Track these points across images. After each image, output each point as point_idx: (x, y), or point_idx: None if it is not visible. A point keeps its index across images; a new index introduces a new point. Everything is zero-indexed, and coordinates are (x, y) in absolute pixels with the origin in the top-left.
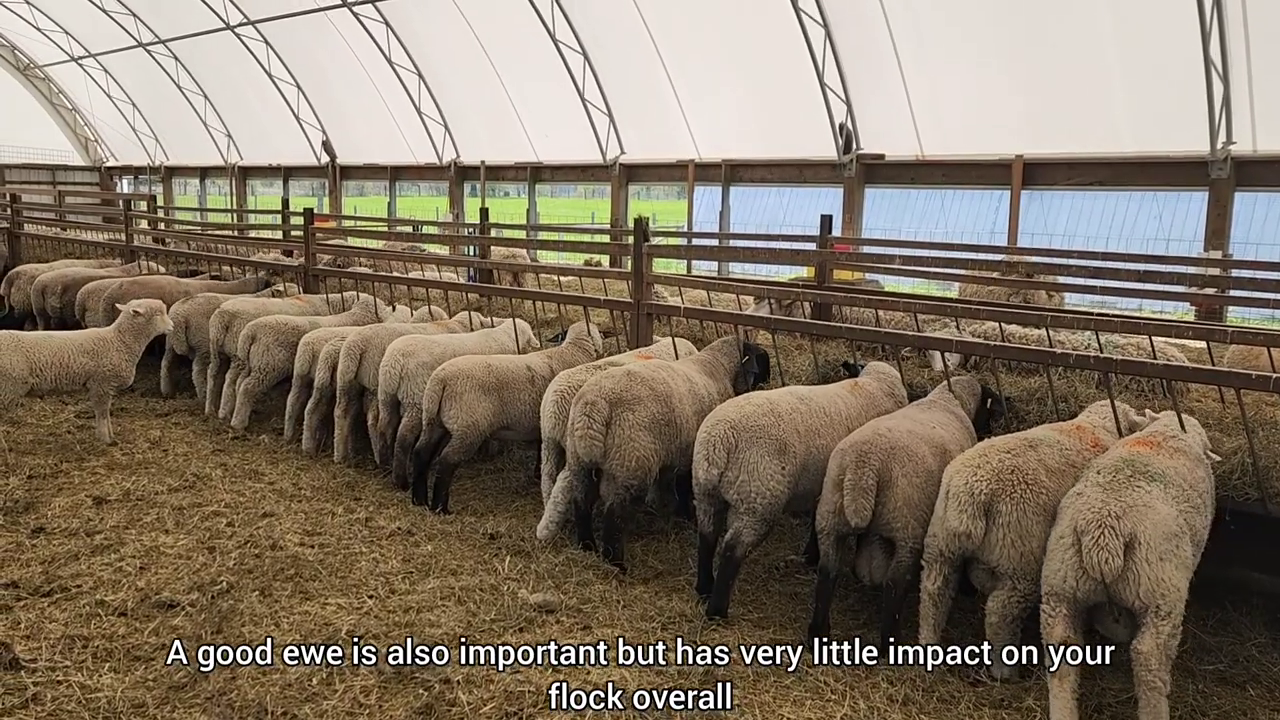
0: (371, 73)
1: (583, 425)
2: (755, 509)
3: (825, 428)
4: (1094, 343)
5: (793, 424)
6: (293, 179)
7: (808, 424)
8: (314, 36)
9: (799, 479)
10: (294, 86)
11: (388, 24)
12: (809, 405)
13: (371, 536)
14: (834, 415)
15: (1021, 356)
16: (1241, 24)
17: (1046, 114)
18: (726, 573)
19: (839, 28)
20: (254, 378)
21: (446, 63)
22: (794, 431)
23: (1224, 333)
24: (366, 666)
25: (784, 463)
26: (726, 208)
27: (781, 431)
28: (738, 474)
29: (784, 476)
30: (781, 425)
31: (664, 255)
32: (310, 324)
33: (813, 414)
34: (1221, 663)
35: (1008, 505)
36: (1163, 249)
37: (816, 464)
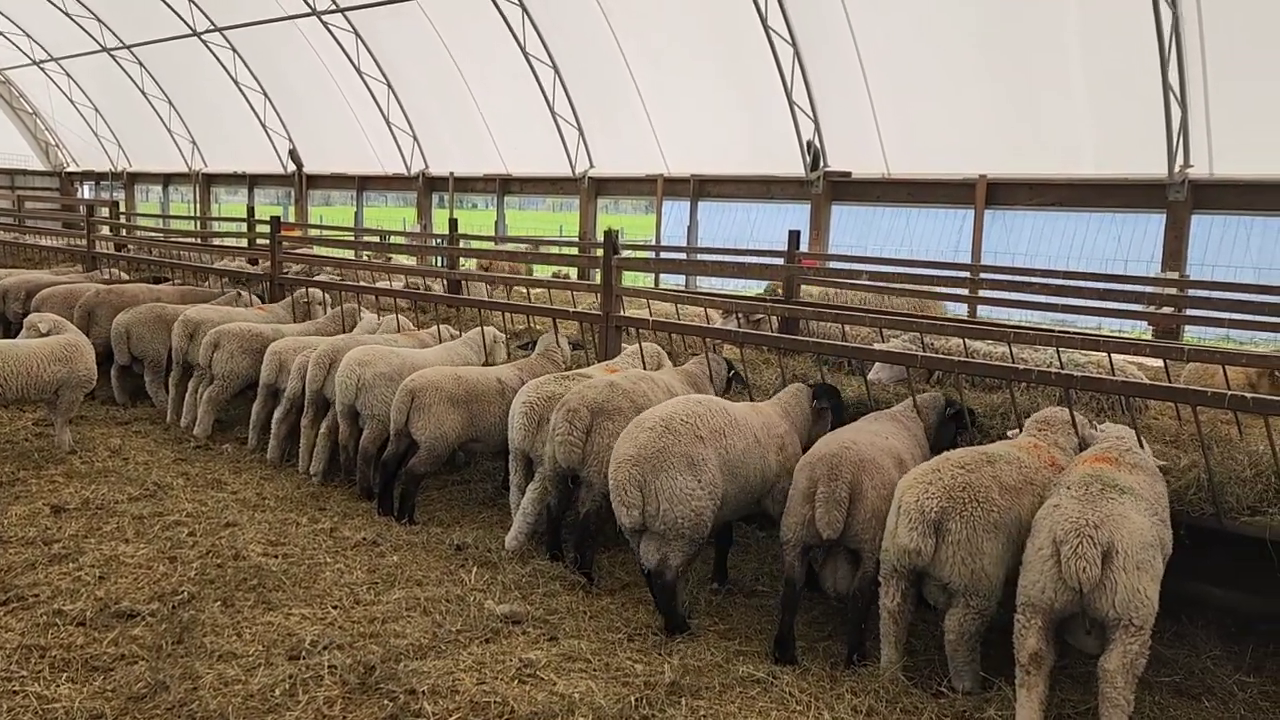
0: (340, 82)
1: (564, 431)
2: (684, 533)
3: (730, 426)
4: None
5: (693, 433)
6: (258, 187)
7: (711, 426)
8: (282, 44)
9: (722, 486)
10: (261, 94)
11: (357, 34)
12: (707, 407)
13: (336, 547)
14: (735, 413)
15: (985, 372)
16: (1199, 51)
17: (1010, 135)
18: (665, 598)
19: (807, 47)
20: (217, 386)
21: (416, 73)
22: (696, 440)
23: (1180, 351)
24: (331, 677)
25: (698, 475)
26: (695, 222)
27: (683, 446)
28: (658, 506)
29: (703, 490)
30: (681, 440)
31: (633, 268)
32: (274, 332)
33: (713, 414)
34: (1177, 675)
35: (958, 523)
36: (1121, 269)
37: (733, 465)
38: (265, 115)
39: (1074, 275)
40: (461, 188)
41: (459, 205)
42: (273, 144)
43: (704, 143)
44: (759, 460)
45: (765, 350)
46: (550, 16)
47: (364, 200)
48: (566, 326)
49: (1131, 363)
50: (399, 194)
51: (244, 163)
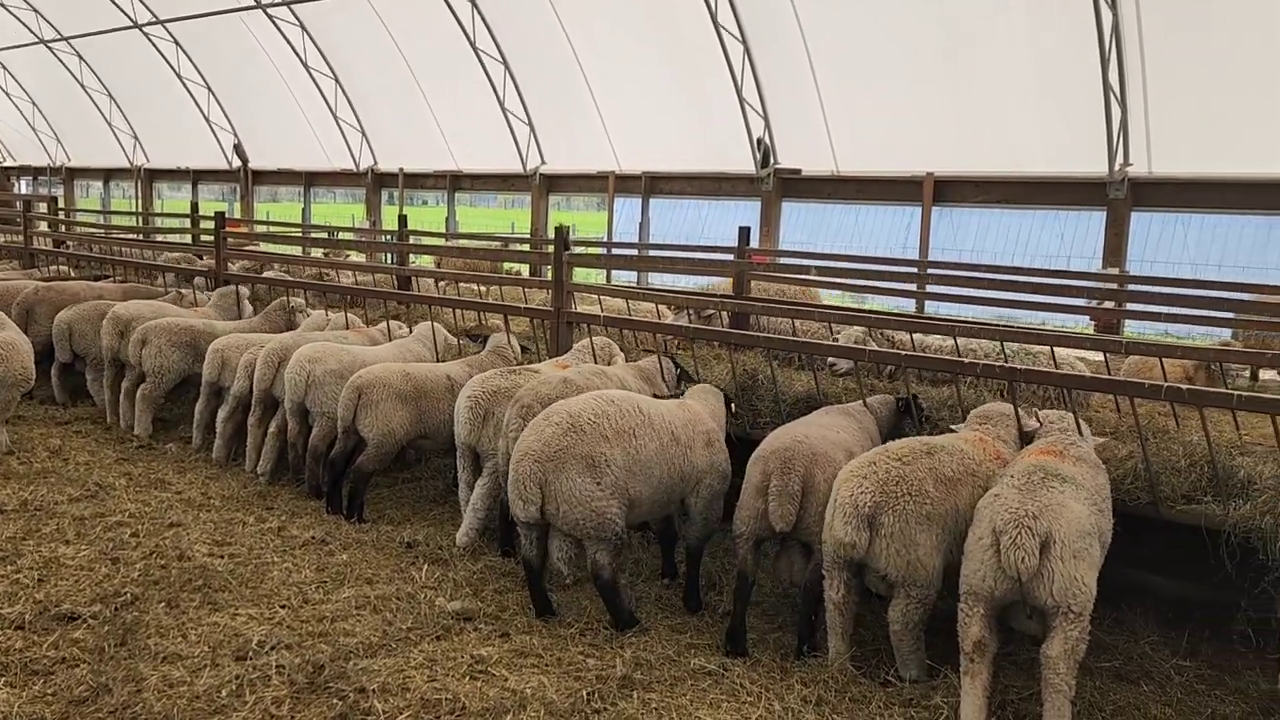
0: (286, 76)
1: (517, 427)
2: (590, 534)
3: (642, 425)
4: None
5: (599, 432)
6: (202, 183)
7: (619, 425)
8: (226, 38)
9: (630, 487)
10: (204, 88)
11: (303, 27)
12: (620, 405)
13: (284, 546)
14: (651, 411)
15: (932, 365)
16: (1138, 53)
17: (957, 133)
18: (607, 595)
19: (757, 44)
20: (149, 383)
21: (364, 68)
22: (601, 440)
23: (1119, 344)
24: (279, 677)
25: (598, 478)
26: (646, 219)
27: (586, 447)
28: (557, 506)
29: (603, 492)
30: (585, 440)
31: (585, 264)
32: (206, 326)
33: (625, 413)
34: (1117, 660)
35: (890, 516)
36: (1065, 265)
37: (645, 465)
38: (209, 110)
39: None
40: (411, 184)
41: (409, 202)
42: (217, 139)
43: (655, 140)
44: (678, 459)
45: (716, 346)
46: (500, 11)
47: (312, 197)
48: (518, 323)
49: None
50: (348, 190)
51: (188, 158)
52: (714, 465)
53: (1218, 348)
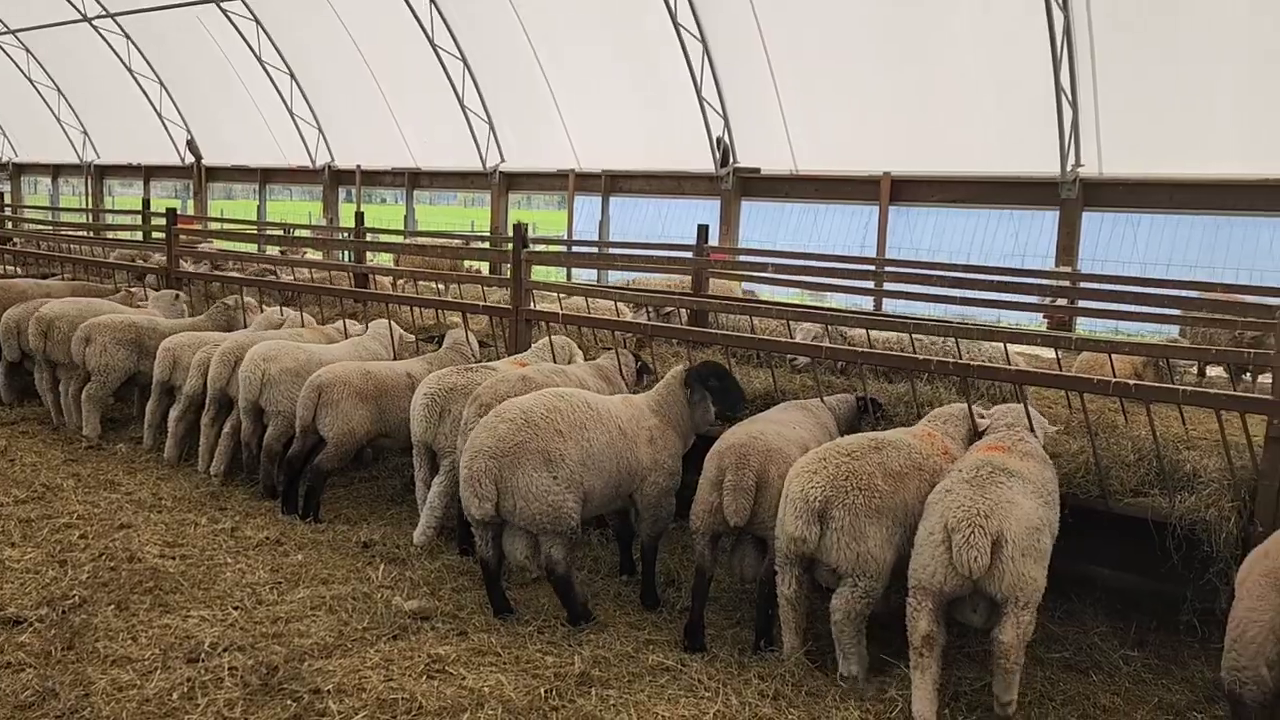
0: (240, 71)
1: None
2: (547, 529)
3: (592, 420)
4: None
5: (553, 427)
6: (154, 179)
7: (572, 420)
8: (179, 32)
9: (584, 481)
10: (156, 83)
11: (258, 21)
12: (569, 400)
13: (237, 547)
14: (599, 406)
15: (888, 362)
16: (1089, 55)
17: (913, 134)
18: (562, 590)
19: (716, 43)
20: (95, 382)
21: (320, 63)
22: (556, 435)
23: (1070, 341)
24: (231, 679)
25: (554, 472)
26: (606, 218)
27: (541, 442)
28: (513, 502)
29: (560, 486)
30: (540, 435)
31: (543, 262)
32: (149, 323)
33: (575, 408)
34: (1067, 651)
35: (840, 510)
36: (1019, 264)
37: (595, 459)
38: (161, 105)
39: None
40: (369, 181)
41: (367, 200)
42: (170, 135)
43: (615, 138)
44: (625, 453)
45: (675, 344)
46: (459, 8)
47: (267, 194)
48: (477, 321)
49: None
50: (304, 187)
51: (139, 154)
52: (658, 462)
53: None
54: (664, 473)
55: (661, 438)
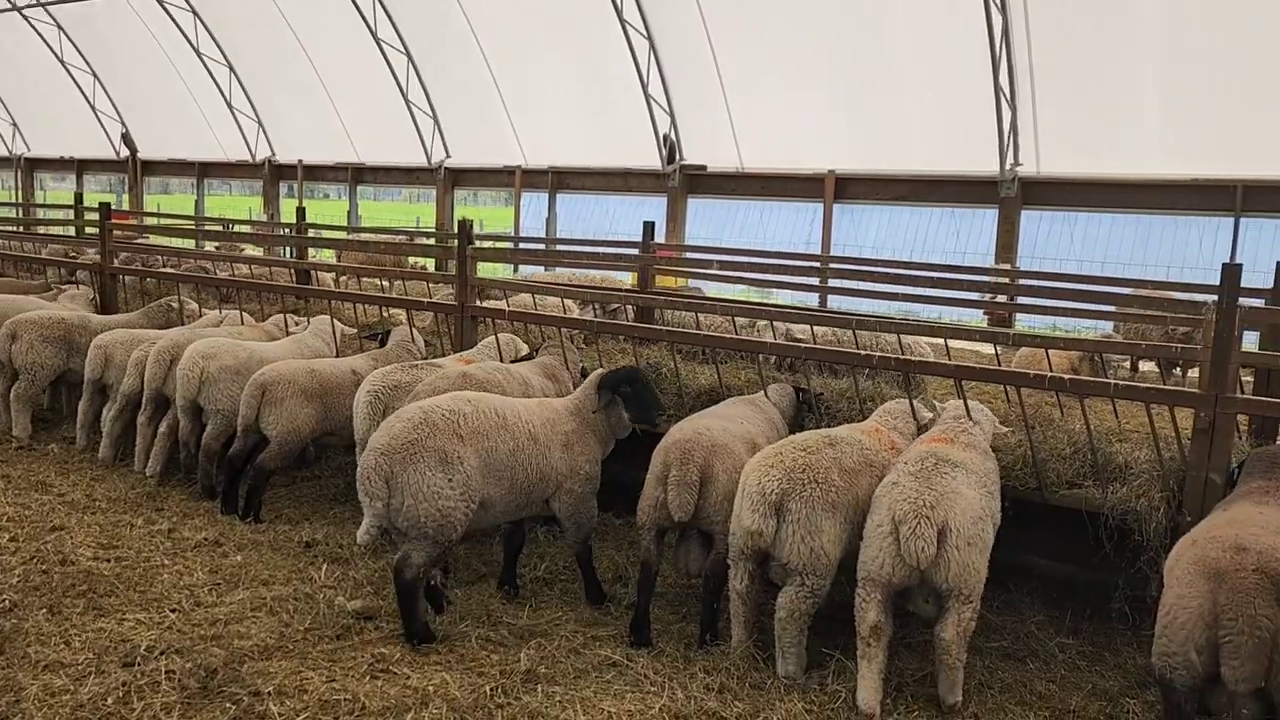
0: (178, 64)
1: None
2: (427, 533)
3: (498, 427)
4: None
5: (453, 429)
6: (88, 173)
7: (475, 425)
8: (112, 22)
9: (481, 488)
10: (90, 75)
11: (195, 12)
12: (476, 405)
13: (175, 548)
14: (509, 411)
15: (831, 358)
16: (1026, 57)
17: (857, 132)
18: (403, 598)
19: (662, 41)
20: (24, 380)
21: (260, 56)
22: (454, 437)
23: (1007, 336)
24: (168, 683)
25: (449, 474)
26: (553, 215)
27: (438, 441)
28: (402, 501)
29: (453, 490)
30: (437, 435)
31: (488, 259)
32: (79, 320)
33: (481, 413)
34: (1005, 640)
35: (797, 503)
36: (960, 261)
37: (497, 467)
38: (95, 97)
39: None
40: (311, 176)
41: (310, 195)
42: (103, 127)
43: (562, 135)
44: (536, 461)
45: (622, 340)
46: (402, 2)
47: (206, 188)
48: (422, 318)
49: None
50: (244, 182)
51: (71, 147)
52: (574, 468)
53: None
54: (580, 479)
55: (579, 442)
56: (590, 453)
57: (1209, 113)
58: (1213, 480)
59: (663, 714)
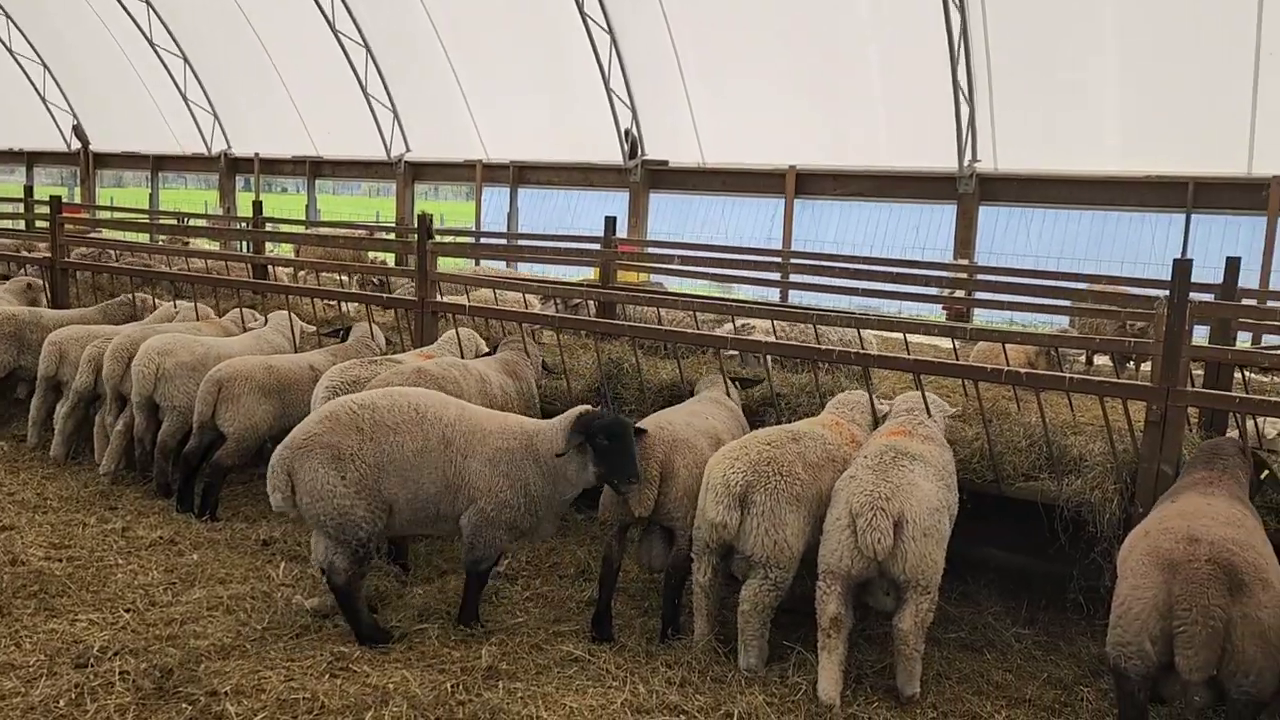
0: (131, 55)
1: None
2: (329, 532)
3: (407, 424)
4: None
5: (355, 424)
6: (39, 166)
7: (379, 420)
8: (62, 11)
9: (379, 488)
10: (39, 64)
11: (148, 2)
12: (392, 400)
13: (129, 547)
14: (425, 410)
15: (791, 353)
16: (984, 54)
17: (818, 128)
18: (344, 604)
19: (624, 35)
20: None
21: (216, 47)
22: (353, 432)
23: (964, 331)
24: (123, 684)
25: (342, 472)
26: (515, 209)
27: (335, 437)
28: (299, 497)
29: (348, 489)
30: (335, 430)
31: (449, 254)
32: (31, 316)
33: (393, 409)
34: (963, 631)
35: (761, 495)
36: (919, 256)
37: (399, 466)
38: (45, 88)
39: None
40: (268, 170)
41: (267, 189)
42: (54, 119)
43: (523, 129)
44: (445, 467)
45: (584, 335)
46: None
47: (160, 182)
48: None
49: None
50: (200, 176)
51: (21, 139)
52: (492, 488)
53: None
54: (495, 502)
55: (512, 466)
56: (521, 480)
57: (1163, 111)
58: (1164, 472)
59: (625, 708)
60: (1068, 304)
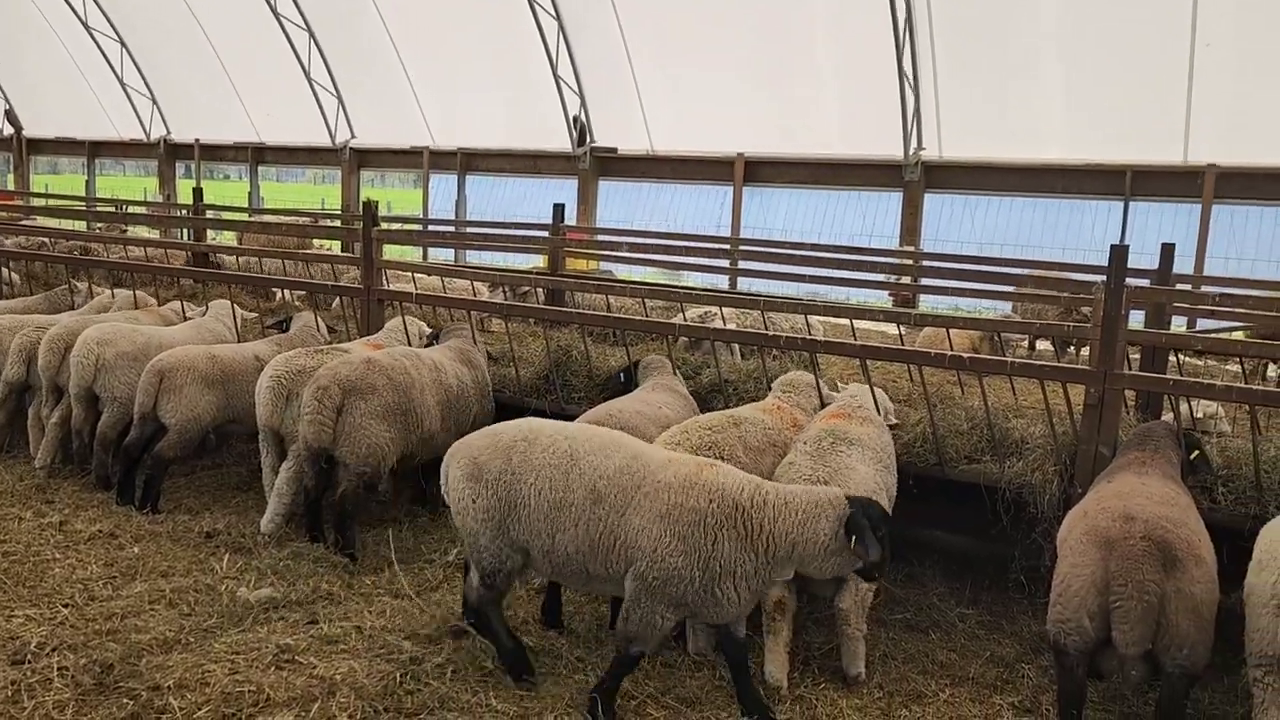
0: (65, 38)
1: (312, 410)
2: (465, 540)
3: (557, 470)
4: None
5: (507, 450)
6: None
7: (525, 455)
8: None
9: (505, 524)
10: None
11: None
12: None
13: (67, 541)
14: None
15: (739, 339)
16: (929, 43)
17: (766, 116)
18: (477, 622)
19: (572, 22)
20: None
21: (154, 31)
22: (501, 457)
23: (909, 316)
24: (61, 680)
25: (475, 493)
26: (463, 197)
27: (485, 455)
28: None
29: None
30: (490, 448)
31: (394, 241)
32: None
33: (550, 449)
34: (909, 612)
35: None
36: (866, 243)
37: (530, 514)
38: None
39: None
40: (209, 156)
41: (209, 176)
42: None
43: (471, 116)
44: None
45: (532, 323)
46: None
47: (97, 168)
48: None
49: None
50: (138, 162)
51: None
52: (659, 550)
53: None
54: (660, 570)
55: (695, 528)
56: (703, 550)
57: (1103, 101)
58: (1102, 453)
59: (576, 694)
60: (1010, 290)
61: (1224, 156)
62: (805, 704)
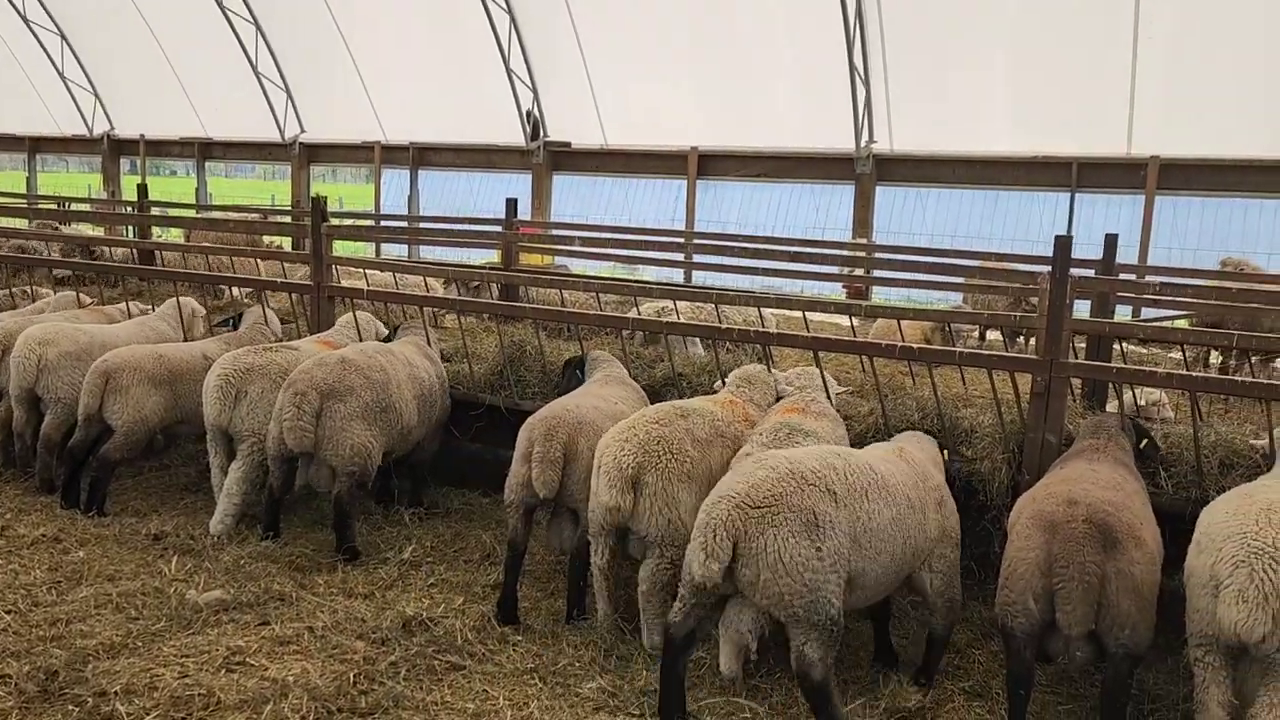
0: (3, 31)
1: (292, 416)
2: (794, 612)
3: (876, 487)
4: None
5: (825, 487)
6: None
7: (848, 485)
8: None
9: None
10: None
11: None
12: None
13: (9, 546)
14: (877, 468)
15: (693, 332)
16: (879, 37)
17: (719, 109)
18: (818, 703)
19: (524, 15)
20: None
21: (95, 24)
22: (827, 497)
23: (861, 308)
24: (4, 688)
25: (818, 542)
26: (415, 192)
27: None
28: (759, 570)
29: (821, 560)
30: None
31: (345, 237)
32: None
33: (856, 471)
34: None
35: (653, 476)
36: (820, 235)
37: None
38: None
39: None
40: (155, 152)
41: (155, 172)
42: None
43: (423, 110)
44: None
45: (486, 318)
46: None
47: (38, 165)
48: (277, 299)
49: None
50: (81, 158)
51: None
52: (945, 531)
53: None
54: (952, 541)
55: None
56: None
57: (1049, 94)
58: (1049, 441)
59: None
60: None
61: (1166, 148)
62: (760, 693)
